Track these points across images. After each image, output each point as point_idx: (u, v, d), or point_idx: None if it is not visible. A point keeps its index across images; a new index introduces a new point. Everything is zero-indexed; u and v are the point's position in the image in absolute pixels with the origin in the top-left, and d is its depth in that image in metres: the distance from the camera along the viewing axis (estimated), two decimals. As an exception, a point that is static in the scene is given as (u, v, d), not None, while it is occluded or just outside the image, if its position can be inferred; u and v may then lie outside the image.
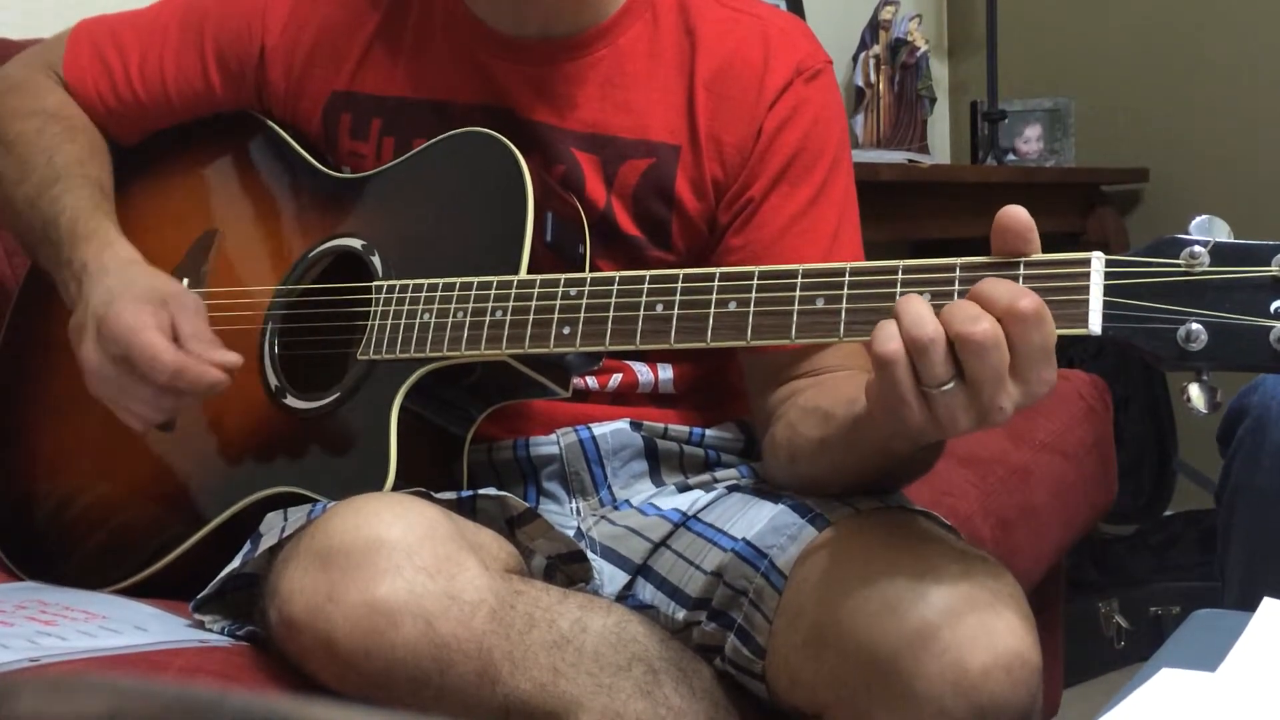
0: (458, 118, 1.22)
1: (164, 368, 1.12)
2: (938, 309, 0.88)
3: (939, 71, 3.31)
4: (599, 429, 1.22)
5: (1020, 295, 0.86)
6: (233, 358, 1.14)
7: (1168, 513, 2.94)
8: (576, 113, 1.22)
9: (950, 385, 0.87)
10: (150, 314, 1.13)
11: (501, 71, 1.23)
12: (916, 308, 0.88)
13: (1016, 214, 0.91)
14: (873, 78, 3.04)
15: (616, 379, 1.24)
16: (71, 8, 1.39)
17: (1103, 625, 2.56)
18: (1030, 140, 3.16)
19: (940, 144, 3.36)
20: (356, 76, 1.26)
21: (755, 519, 1.14)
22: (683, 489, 1.23)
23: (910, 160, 2.84)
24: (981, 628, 0.97)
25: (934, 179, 2.77)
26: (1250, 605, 0.82)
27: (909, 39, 3.03)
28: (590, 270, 1.17)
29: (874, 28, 3.06)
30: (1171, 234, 0.87)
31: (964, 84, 3.38)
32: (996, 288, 0.87)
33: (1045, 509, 1.81)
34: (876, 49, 3.04)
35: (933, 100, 3.11)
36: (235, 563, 1.10)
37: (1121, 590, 2.61)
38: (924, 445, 1.05)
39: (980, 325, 0.86)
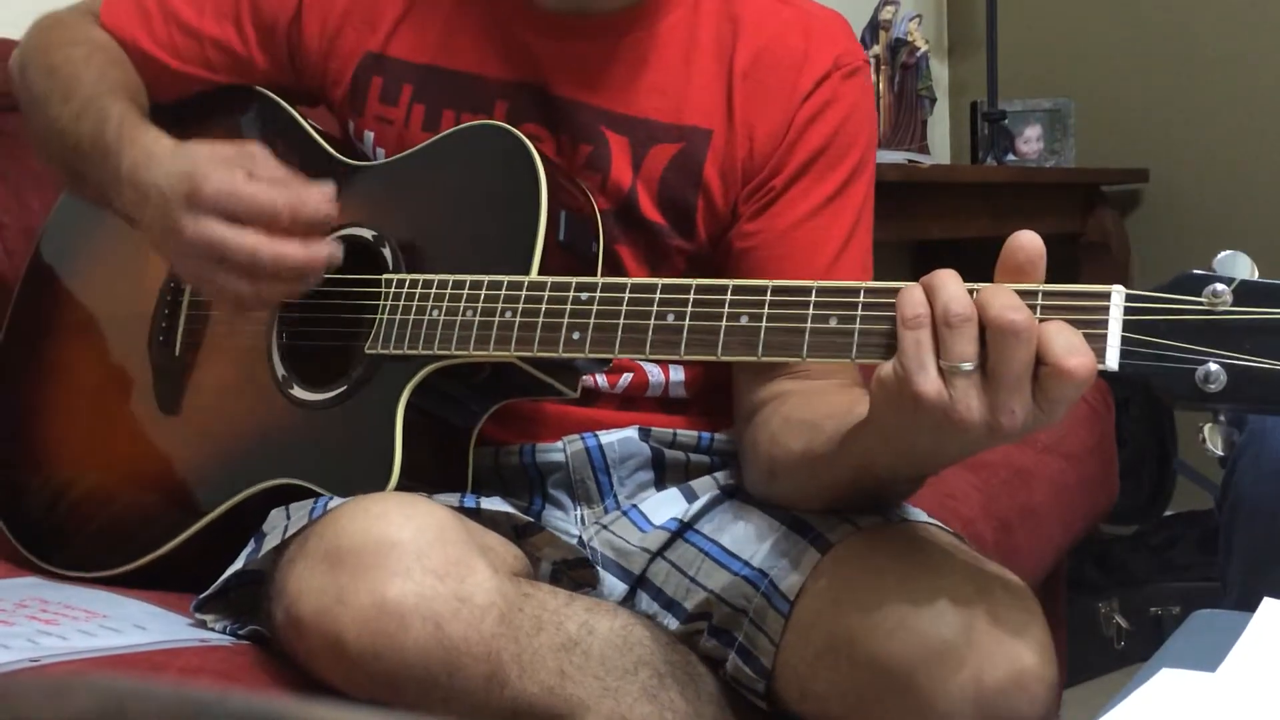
0: (489, 92, 1.22)
1: (281, 208, 1.08)
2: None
3: (939, 71, 3.31)
4: (606, 437, 1.22)
5: (1076, 351, 0.84)
6: (326, 190, 1.10)
7: (1168, 513, 2.94)
8: (611, 92, 1.21)
9: (971, 366, 0.85)
10: (237, 170, 1.10)
11: (538, 46, 1.22)
12: (952, 284, 0.86)
13: (1030, 238, 0.88)
14: (873, 78, 3.04)
15: (627, 379, 1.24)
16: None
17: (1103, 625, 2.56)
18: (1030, 140, 3.16)
19: (940, 144, 3.36)
20: (391, 40, 1.25)
21: (750, 532, 1.14)
22: (685, 492, 1.23)
23: (910, 160, 2.84)
24: (999, 645, 0.96)
25: (934, 179, 2.76)
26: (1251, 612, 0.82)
27: (909, 39, 3.03)
28: (607, 255, 1.16)
29: (874, 28, 3.06)
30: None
31: (964, 84, 3.38)
32: (1059, 338, 0.84)
33: (1046, 510, 1.81)
34: (876, 49, 3.04)
35: (933, 100, 3.11)
36: (239, 563, 1.10)
37: (1121, 590, 2.61)
38: (905, 477, 1.04)
39: (1019, 315, 0.84)
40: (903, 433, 0.92)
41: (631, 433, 1.23)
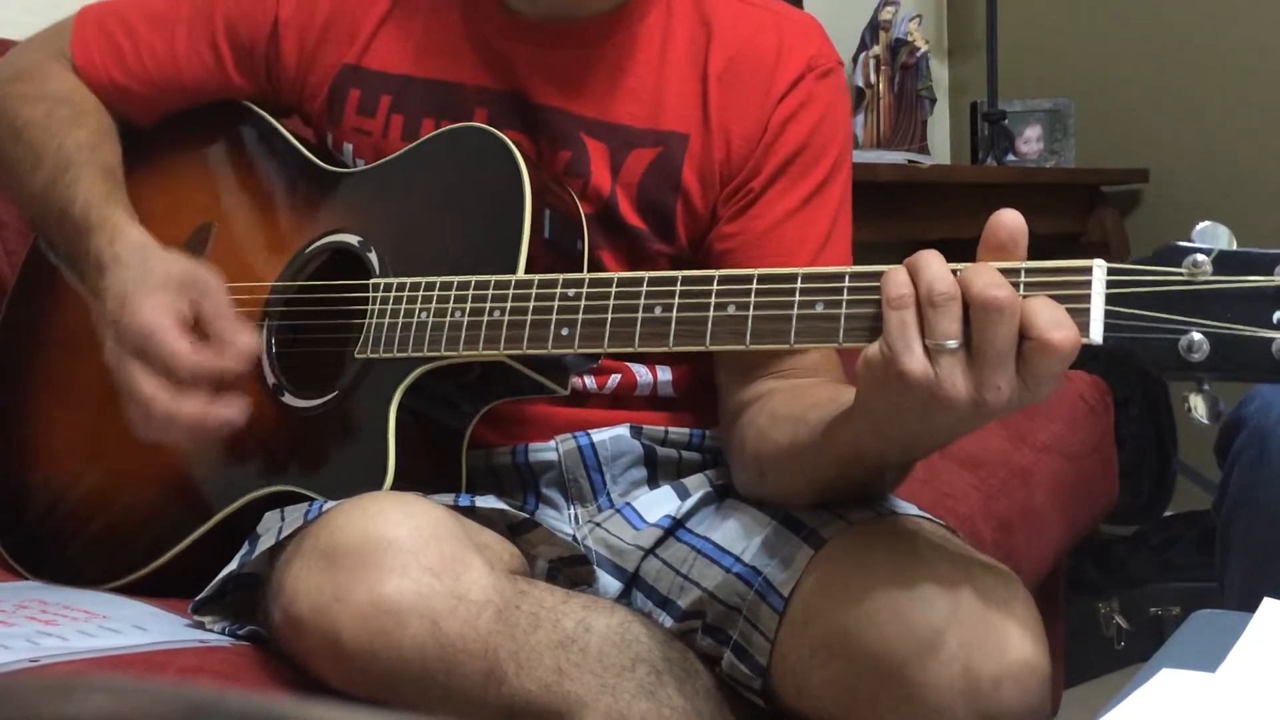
0: (468, 100, 1.22)
1: (187, 371, 1.09)
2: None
3: (939, 72, 3.31)
4: (598, 435, 1.22)
5: (1059, 324, 0.84)
6: (251, 343, 1.12)
7: (1168, 513, 2.94)
8: (588, 99, 1.21)
9: (955, 344, 0.85)
10: (168, 306, 1.11)
11: (515, 54, 1.22)
12: (936, 264, 0.87)
13: (1012, 216, 0.89)
14: (873, 78, 3.03)
15: (615, 380, 1.24)
16: (71, 6, 1.39)
17: (1103, 625, 2.56)
18: (1030, 140, 3.16)
19: (940, 144, 3.36)
20: (368, 51, 1.25)
21: (741, 528, 1.14)
22: (678, 490, 1.23)
23: (910, 161, 2.84)
24: (992, 636, 0.97)
25: (934, 180, 2.77)
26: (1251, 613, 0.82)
27: (909, 39, 3.03)
28: (590, 260, 1.17)
29: (874, 28, 3.06)
30: (1173, 239, 0.86)
31: (964, 84, 3.38)
32: (1043, 312, 0.84)
33: (1046, 510, 1.81)
34: (876, 49, 3.04)
35: (933, 101, 3.11)
36: (233, 564, 1.10)
37: (1121, 590, 2.61)
38: (894, 463, 1.03)
39: (1002, 290, 0.84)
40: (890, 415, 0.92)
41: (623, 430, 1.23)
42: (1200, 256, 0.85)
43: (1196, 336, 0.84)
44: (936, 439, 0.96)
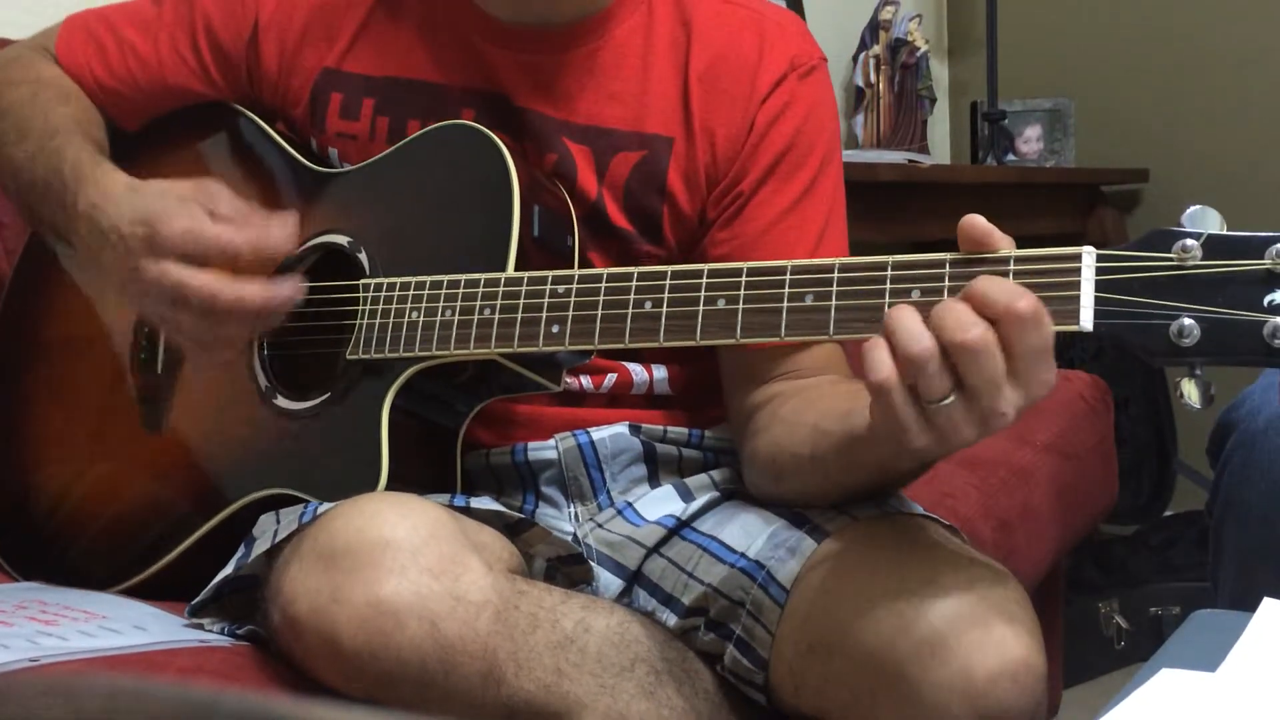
0: (452, 101, 1.22)
1: (241, 247, 1.08)
2: (927, 307, 0.87)
3: (939, 71, 3.31)
4: (597, 433, 1.22)
5: (1018, 296, 0.84)
6: (285, 222, 1.10)
7: (1168, 513, 2.94)
8: (571, 103, 1.21)
9: (950, 399, 0.86)
10: (198, 210, 1.09)
11: (498, 58, 1.22)
12: (908, 323, 0.86)
13: (974, 222, 0.90)
14: (873, 78, 3.03)
15: (611, 379, 1.24)
16: (71, 7, 1.39)
17: (1103, 625, 2.56)
18: (1030, 140, 3.16)
19: (940, 144, 3.36)
20: (349, 55, 1.25)
21: (748, 528, 1.14)
22: (681, 490, 1.23)
23: (910, 160, 2.84)
24: (988, 636, 0.97)
25: (934, 179, 2.76)
26: (1245, 613, 0.82)
27: (909, 39, 3.03)
28: (580, 262, 1.16)
29: (874, 28, 3.06)
30: (1164, 227, 0.87)
31: (964, 84, 3.38)
32: (991, 287, 0.85)
33: (1046, 510, 1.81)
34: (876, 49, 3.04)
35: (933, 100, 3.11)
36: (229, 568, 1.10)
37: (1121, 590, 2.61)
38: (927, 461, 1.04)
39: (973, 331, 0.84)
40: (908, 448, 0.93)
41: (622, 428, 1.23)
42: (1190, 241, 0.85)
43: (1187, 321, 0.85)
44: (960, 448, 0.98)
